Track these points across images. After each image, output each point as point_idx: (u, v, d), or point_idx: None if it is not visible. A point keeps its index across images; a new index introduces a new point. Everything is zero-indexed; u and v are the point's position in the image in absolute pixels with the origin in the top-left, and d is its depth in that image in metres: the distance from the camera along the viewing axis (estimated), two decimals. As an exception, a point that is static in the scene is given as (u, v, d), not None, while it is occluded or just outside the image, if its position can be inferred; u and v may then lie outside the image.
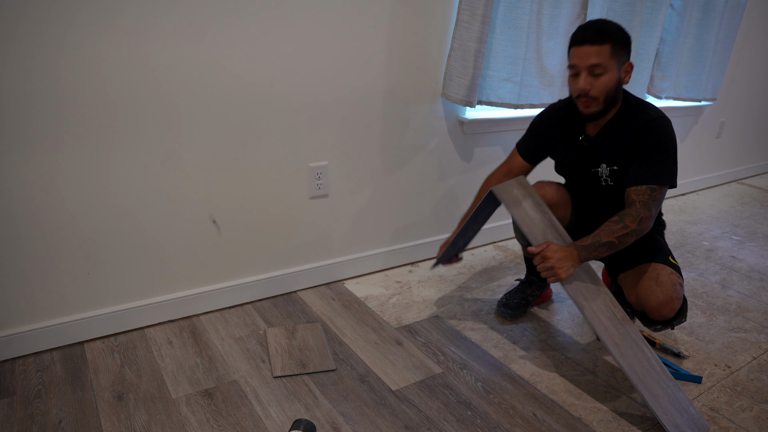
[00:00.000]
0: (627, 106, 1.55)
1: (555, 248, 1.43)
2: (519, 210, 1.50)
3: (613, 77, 1.48)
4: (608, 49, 1.45)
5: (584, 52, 1.46)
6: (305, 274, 1.92)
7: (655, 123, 1.49)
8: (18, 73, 1.26)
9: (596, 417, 1.40)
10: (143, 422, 1.28)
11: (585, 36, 1.46)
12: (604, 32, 1.44)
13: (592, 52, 1.45)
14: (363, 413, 1.36)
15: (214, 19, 1.46)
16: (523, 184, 1.56)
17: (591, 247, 1.44)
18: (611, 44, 1.44)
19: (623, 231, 1.44)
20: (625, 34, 1.48)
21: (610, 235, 1.44)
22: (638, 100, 1.57)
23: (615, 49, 1.45)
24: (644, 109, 1.53)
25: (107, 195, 1.47)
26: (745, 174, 3.88)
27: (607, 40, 1.44)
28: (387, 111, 1.88)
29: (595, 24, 1.47)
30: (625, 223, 1.44)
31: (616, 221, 1.46)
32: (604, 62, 1.45)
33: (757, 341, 1.79)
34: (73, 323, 1.53)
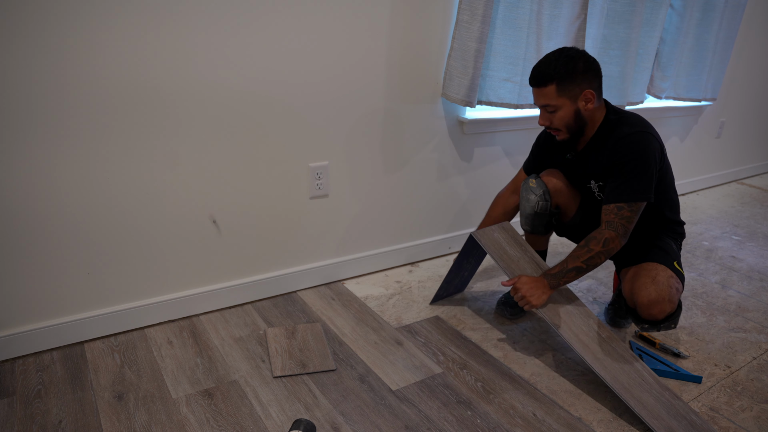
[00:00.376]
0: (606, 123, 1.58)
1: (525, 279, 1.55)
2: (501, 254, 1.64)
3: (568, 111, 1.53)
4: (552, 89, 1.50)
5: (534, 94, 1.55)
6: (305, 274, 1.92)
7: (625, 140, 1.51)
8: (17, 72, 1.26)
9: (596, 417, 1.40)
10: (143, 422, 1.28)
11: (532, 78, 1.52)
12: (545, 74, 1.49)
13: (539, 94, 1.53)
14: (363, 413, 1.36)
15: (214, 18, 1.46)
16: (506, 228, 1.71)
17: (559, 274, 1.55)
18: (555, 84, 1.49)
19: (588, 254, 1.52)
20: (573, 68, 1.47)
21: (576, 260, 1.53)
22: (618, 114, 1.58)
23: (561, 86, 1.49)
24: (620, 125, 1.55)
25: (107, 195, 1.47)
26: (745, 174, 3.88)
27: (549, 81, 1.49)
28: (387, 111, 1.88)
29: (540, 65, 1.50)
30: (589, 246, 1.52)
31: (582, 246, 1.54)
32: (552, 102, 1.51)
33: (757, 341, 1.79)
34: (73, 323, 1.53)
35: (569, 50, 1.50)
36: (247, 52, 1.54)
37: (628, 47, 2.34)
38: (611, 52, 2.34)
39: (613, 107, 1.61)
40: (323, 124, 1.76)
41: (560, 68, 1.47)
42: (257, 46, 1.55)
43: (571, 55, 1.48)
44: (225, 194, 1.66)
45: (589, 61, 1.50)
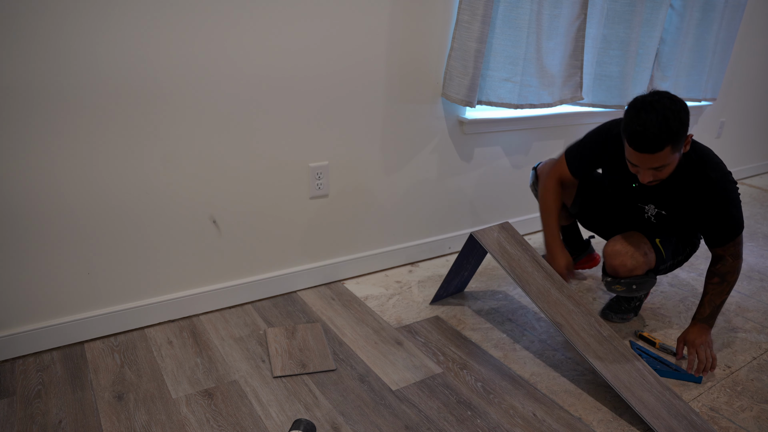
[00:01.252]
0: (687, 160, 1.53)
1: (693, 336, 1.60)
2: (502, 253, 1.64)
3: (676, 162, 1.44)
4: (668, 150, 1.37)
5: (644, 159, 1.40)
6: (305, 274, 1.92)
7: (718, 185, 1.50)
8: (15, 71, 1.26)
9: (596, 417, 1.40)
10: (143, 422, 1.28)
11: (645, 145, 1.36)
12: (661, 138, 1.34)
13: (653, 159, 1.39)
14: (363, 413, 1.36)
15: (214, 17, 1.45)
16: (506, 227, 1.73)
17: (713, 313, 1.60)
18: (671, 145, 1.36)
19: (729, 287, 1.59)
20: (680, 122, 1.35)
21: (721, 295, 1.59)
22: (699, 153, 1.54)
23: (674, 145, 1.37)
24: (705, 167, 1.51)
25: (107, 195, 1.47)
26: (745, 174, 3.88)
27: (666, 144, 1.36)
28: (387, 111, 1.88)
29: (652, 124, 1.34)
30: (727, 280, 1.58)
31: (719, 282, 1.60)
32: (666, 161, 1.40)
33: (757, 341, 1.79)
34: (73, 323, 1.53)
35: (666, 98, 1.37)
36: (247, 52, 1.54)
37: (628, 47, 2.34)
38: (611, 52, 2.34)
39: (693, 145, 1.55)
40: (323, 124, 1.76)
41: (675, 128, 1.34)
42: (257, 47, 1.55)
43: (675, 109, 1.35)
44: (225, 194, 1.66)
45: (685, 108, 1.38)
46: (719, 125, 3.41)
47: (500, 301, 1.94)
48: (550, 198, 1.78)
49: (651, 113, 1.34)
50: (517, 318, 1.84)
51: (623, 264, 1.63)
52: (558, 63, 2.12)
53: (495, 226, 1.72)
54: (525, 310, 1.89)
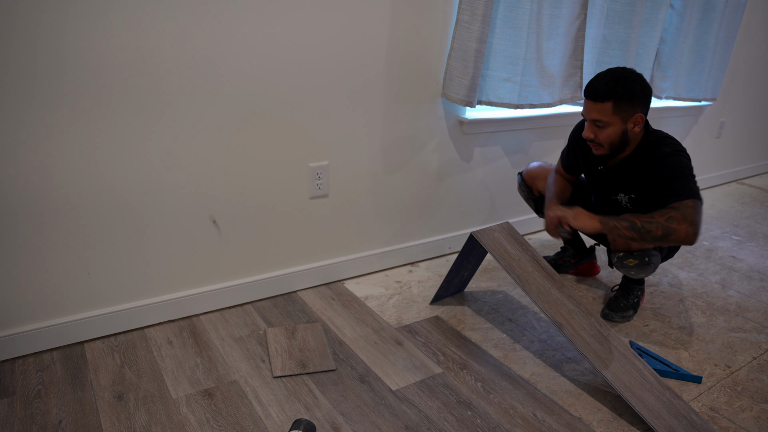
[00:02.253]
0: (644, 144, 1.63)
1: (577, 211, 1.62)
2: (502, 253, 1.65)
3: (616, 130, 1.56)
4: (609, 106, 1.52)
5: (588, 107, 1.58)
6: (305, 274, 1.92)
7: (668, 159, 1.56)
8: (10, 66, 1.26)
9: (596, 417, 1.40)
10: (143, 422, 1.28)
11: (590, 91, 1.55)
12: (606, 90, 1.51)
13: (594, 108, 1.56)
14: (363, 413, 1.36)
15: (215, 17, 1.45)
16: (506, 227, 1.74)
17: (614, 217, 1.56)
18: (613, 102, 1.52)
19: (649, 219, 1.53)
20: (633, 89, 1.51)
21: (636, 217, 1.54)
22: (657, 136, 1.63)
23: (618, 105, 1.52)
24: (659, 146, 1.59)
25: (107, 195, 1.47)
26: (745, 174, 3.88)
27: (609, 97, 1.52)
28: (387, 111, 1.88)
29: (603, 78, 1.53)
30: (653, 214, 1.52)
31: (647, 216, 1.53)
32: (605, 118, 1.54)
33: (757, 341, 1.79)
34: (73, 323, 1.53)
35: (630, 71, 1.54)
36: (247, 52, 1.54)
37: (628, 47, 2.34)
38: (611, 52, 2.34)
39: (651, 129, 1.66)
40: (323, 124, 1.76)
41: (621, 88, 1.51)
42: (257, 46, 1.55)
43: (632, 77, 1.52)
44: (225, 194, 1.66)
45: (645, 87, 1.55)
46: (719, 125, 3.41)
47: (500, 301, 1.94)
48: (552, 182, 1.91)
49: (608, 73, 1.54)
50: (517, 318, 1.84)
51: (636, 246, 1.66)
52: (558, 63, 2.12)
53: (495, 226, 1.72)
54: (525, 310, 1.89)
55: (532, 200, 2.05)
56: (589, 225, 1.60)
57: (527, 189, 2.04)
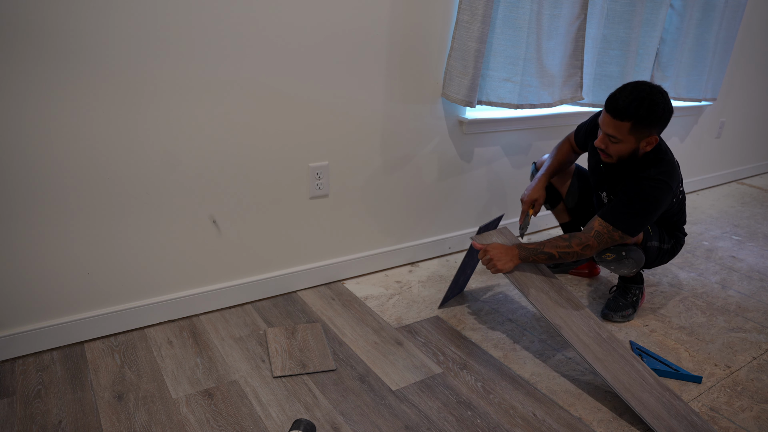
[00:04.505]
0: (645, 159, 1.62)
1: (496, 245, 1.63)
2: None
3: (628, 147, 1.55)
4: (627, 126, 1.50)
5: (606, 120, 1.54)
6: (305, 274, 1.92)
7: (647, 182, 1.56)
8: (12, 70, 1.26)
9: (596, 417, 1.40)
10: (143, 422, 1.28)
11: (612, 106, 1.50)
12: (627, 111, 1.47)
13: (612, 125, 1.52)
14: (363, 413, 1.36)
15: (217, 19, 1.45)
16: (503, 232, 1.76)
17: (532, 251, 1.63)
18: (632, 123, 1.48)
19: (566, 249, 1.60)
20: (654, 112, 1.47)
21: (553, 248, 1.61)
22: (659, 155, 1.61)
23: (636, 127, 1.49)
24: (650, 166, 1.59)
25: (107, 195, 1.47)
26: (745, 174, 3.88)
27: (628, 119, 1.48)
28: (387, 111, 1.88)
29: (628, 96, 1.47)
30: (570, 243, 1.60)
31: (565, 238, 1.61)
32: (620, 136, 1.53)
33: (757, 341, 1.79)
34: (73, 323, 1.53)
35: (657, 90, 1.48)
36: (248, 52, 1.54)
37: (628, 47, 2.34)
38: (611, 52, 2.34)
39: (660, 146, 1.63)
40: (323, 124, 1.76)
41: (644, 110, 1.46)
42: (257, 46, 1.55)
43: (657, 99, 1.47)
44: (225, 194, 1.66)
45: (668, 109, 1.49)
46: (719, 125, 3.41)
47: (500, 301, 1.94)
48: (558, 150, 1.92)
49: (634, 91, 1.48)
50: (517, 318, 1.84)
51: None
52: (558, 63, 2.12)
53: (493, 231, 1.75)
54: (525, 310, 1.89)
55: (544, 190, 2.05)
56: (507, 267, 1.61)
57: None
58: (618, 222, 1.56)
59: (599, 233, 1.58)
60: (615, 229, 1.56)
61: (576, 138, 1.89)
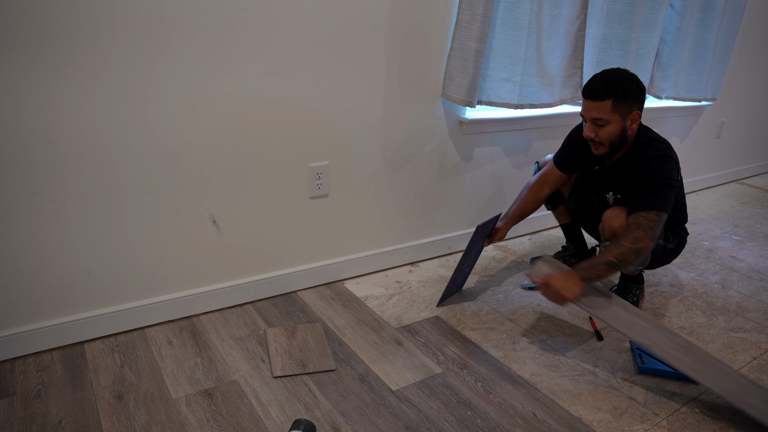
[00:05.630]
0: (636, 144, 1.67)
1: (557, 276, 1.57)
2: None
3: (616, 127, 1.60)
4: (609, 104, 1.57)
5: (588, 106, 1.62)
6: (305, 274, 1.92)
7: (651, 162, 1.60)
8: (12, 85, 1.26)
9: (596, 417, 1.40)
10: (143, 422, 1.28)
11: (589, 91, 1.59)
12: (606, 88, 1.56)
13: (594, 107, 1.60)
14: (363, 413, 1.36)
15: (217, 22, 1.45)
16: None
17: (590, 267, 1.57)
18: (612, 99, 1.57)
19: (619, 249, 1.55)
20: (629, 88, 1.56)
21: (607, 254, 1.56)
22: (648, 137, 1.67)
23: (617, 103, 1.56)
24: (648, 147, 1.64)
25: (106, 194, 1.47)
26: (745, 174, 3.88)
27: (608, 96, 1.56)
28: (387, 111, 1.88)
29: (600, 78, 1.58)
30: (620, 242, 1.56)
31: (613, 243, 1.57)
32: (605, 116, 1.58)
33: (757, 341, 1.79)
34: (73, 323, 1.53)
35: (623, 71, 1.59)
36: (249, 52, 1.54)
37: (628, 47, 2.34)
38: (611, 52, 2.34)
39: (644, 130, 1.69)
40: (323, 124, 1.76)
41: (618, 86, 1.56)
42: (258, 46, 1.55)
43: (627, 75, 1.58)
44: (225, 194, 1.66)
45: (640, 85, 1.59)
46: (719, 125, 3.41)
47: (500, 301, 1.94)
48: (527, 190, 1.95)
49: (605, 74, 1.60)
50: (517, 318, 1.84)
51: (622, 225, 1.66)
52: (558, 63, 2.12)
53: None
54: (525, 310, 1.89)
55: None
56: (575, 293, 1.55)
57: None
58: (647, 204, 1.56)
59: (639, 223, 1.55)
60: (649, 211, 1.55)
61: (556, 160, 1.91)
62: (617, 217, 1.68)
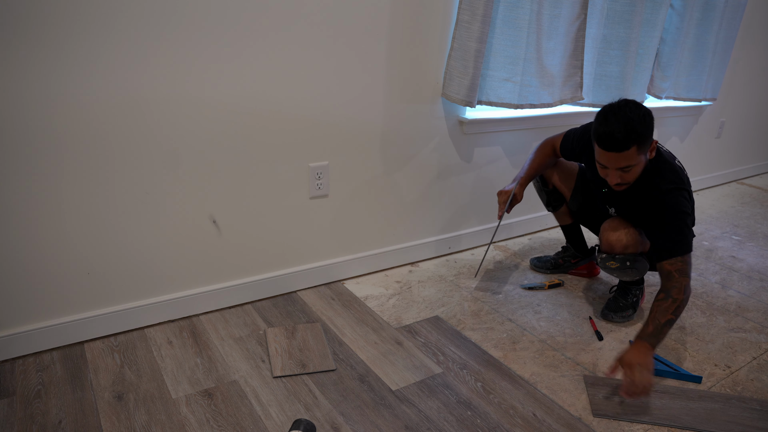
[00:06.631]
0: (645, 172, 1.60)
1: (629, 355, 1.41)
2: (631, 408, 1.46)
3: (641, 165, 1.54)
4: (633, 151, 1.48)
5: (611, 157, 1.50)
6: (305, 274, 1.92)
7: (668, 197, 1.55)
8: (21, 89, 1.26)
9: (596, 417, 1.40)
10: (143, 422, 1.28)
11: (611, 144, 1.47)
12: (627, 138, 1.45)
13: (619, 158, 1.49)
14: (363, 413, 1.36)
15: (217, 22, 1.45)
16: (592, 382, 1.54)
17: (656, 333, 1.46)
18: (637, 145, 1.47)
19: (675, 305, 1.48)
20: (645, 125, 1.47)
21: (666, 313, 1.47)
22: (657, 164, 1.61)
23: (640, 147, 1.48)
24: (659, 177, 1.58)
25: (106, 194, 1.47)
26: (745, 174, 3.88)
27: (631, 144, 1.46)
28: (387, 111, 1.88)
29: (617, 125, 1.45)
30: (672, 297, 1.48)
31: (664, 298, 1.50)
32: (632, 162, 1.50)
33: (757, 341, 1.79)
34: (73, 323, 1.53)
35: (633, 105, 1.49)
36: (248, 53, 1.54)
37: (628, 47, 2.34)
38: (611, 52, 2.34)
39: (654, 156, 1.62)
40: (323, 124, 1.76)
41: (641, 129, 1.46)
42: (258, 46, 1.55)
43: (640, 112, 1.47)
44: (225, 194, 1.66)
45: (651, 115, 1.50)
46: (719, 125, 3.41)
47: (500, 301, 1.94)
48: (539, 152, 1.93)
49: (618, 115, 1.46)
50: (517, 318, 1.84)
51: (619, 239, 1.67)
52: (558, 63, 2.12)
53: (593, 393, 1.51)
54: (525, 311, 1.89)
55: (545, 192, 2.04)
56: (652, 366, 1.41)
57: (542, 180, 2.04)
58: (679, 250, 1.51)
59: (680, 269, 1.51)
60: (684, 255, 1.51)
61: (563, 148, 1.86)
62: (615, 230, 1.69)
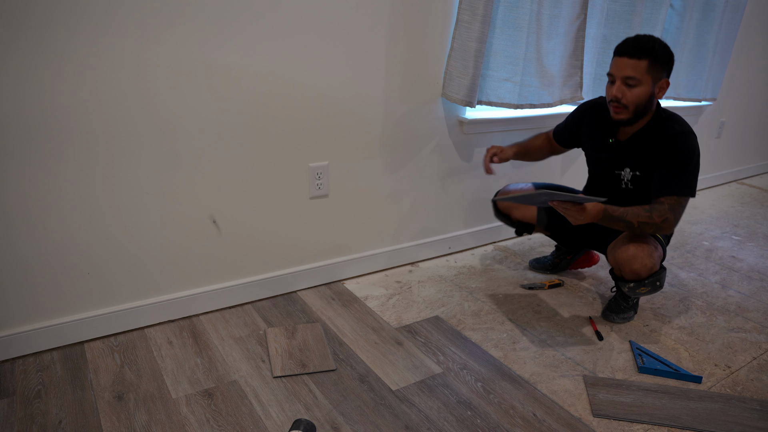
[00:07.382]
0: (657, 118, 1.65)
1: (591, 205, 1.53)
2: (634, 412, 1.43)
3: (646, 91, 1.57)
4: (645, 64, 1.53)
5: (622, 63, 1.56)
6: (305, 274, 1.92)
7: (680, 138, 1.58)
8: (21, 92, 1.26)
9: (596, 417, 1.40)
10: (143, 422, 1.28)
11: (626, 48, 1.55)
12: (644, 48, 1.53)
13: (629, 65, 1.55)
14: (363, 413, 1.36)
15: (217, 23, 1.45)
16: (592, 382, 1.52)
17: (615, 217, 1.55)
18: (649, 60, 1.53)
19: (647, 219, 1.54)
20: (667, 53, 1.55)
21: (635, 217, 1.54)
22: (668, 113, 1.66)
23: (652, 65, 1.53)
24: (671, 122, 1.62)
25: (107, 194, 1.47)
26: (745, 174, 3.88)
27: (645, 55, 1.53)
28: (387, 111, 1.88)
29: (639, 38, 1.55)
30: (652, 214, 1.54)
31: (647, 209, 1.56)
32: (639, 76, 1.54)
33: (757, 341, 1.79)
34: (73, 323, 1.53)
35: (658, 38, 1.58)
36: (248, 54, 1.54)
37: (628, 47, 2.34)
38: (611, 52, 2.34)
39: (661, 107, 1.68)
40: (323, 124, 1.76)
41: (658, 48, 1.53)
42: (258, 47, 1.55)
43: (663, 42, 1.55)
44: (225, 194, 1.66)
45: (672, 55, 1.57)
46: (719, 125, 3.41)
47: (500, 301, 1.94)
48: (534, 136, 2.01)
49: (641, 35, 1.56)
50: (517, 318, 1.84)
51: (644, 265, 1.62)
52: (558, 63, 2.12)
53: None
54: (525, 311, 1.89)
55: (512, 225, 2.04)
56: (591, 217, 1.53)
57: (506, 217, 2.03)
58: (682, 189, 1.56)
59: (672, 206, 1.56)
60: (681, 195, 1.57)
61: (557, 131, 1.94)
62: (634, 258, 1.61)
